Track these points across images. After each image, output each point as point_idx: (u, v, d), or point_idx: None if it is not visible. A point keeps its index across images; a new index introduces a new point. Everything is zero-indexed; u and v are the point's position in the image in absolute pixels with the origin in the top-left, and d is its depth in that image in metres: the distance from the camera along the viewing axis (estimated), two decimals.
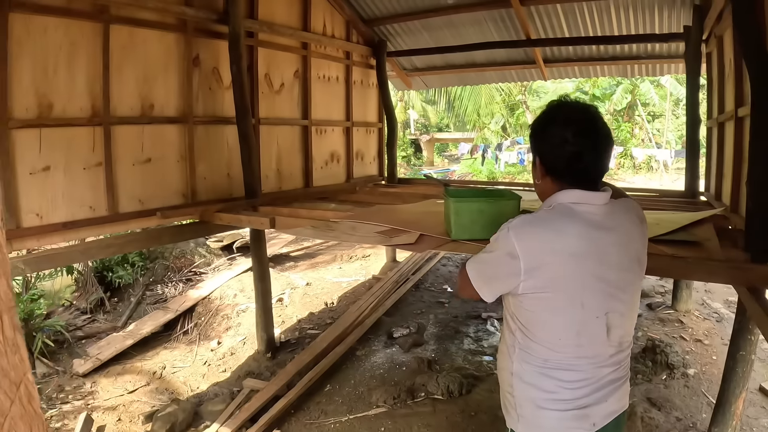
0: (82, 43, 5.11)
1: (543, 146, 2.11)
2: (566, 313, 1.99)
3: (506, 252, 1.98)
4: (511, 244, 1.96)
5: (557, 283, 1.96)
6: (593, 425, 2.03)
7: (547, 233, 1.97)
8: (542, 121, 2.13)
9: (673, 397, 5.45)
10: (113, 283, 9.44)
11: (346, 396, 5.86)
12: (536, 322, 2.03)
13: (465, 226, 3.77)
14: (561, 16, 7.86)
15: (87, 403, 6.27)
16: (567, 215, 1.99)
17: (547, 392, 2.03)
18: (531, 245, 1.96)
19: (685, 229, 4.08)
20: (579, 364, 2.01)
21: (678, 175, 22.38)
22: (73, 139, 5.12)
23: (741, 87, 4.85)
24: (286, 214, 5.65)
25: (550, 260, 1.95)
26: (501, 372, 2.24)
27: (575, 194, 2.02)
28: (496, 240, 2.05)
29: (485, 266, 2.10)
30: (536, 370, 2.04)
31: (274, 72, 7.34)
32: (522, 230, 1.99)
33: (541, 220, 2.02)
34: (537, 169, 2.15)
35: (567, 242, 1.95)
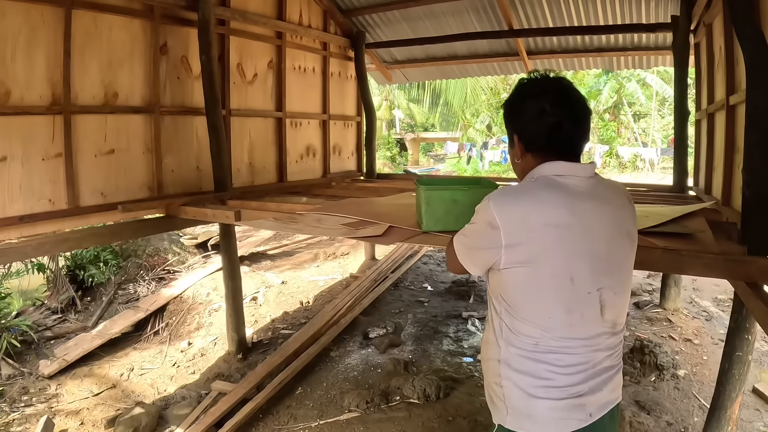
0: (43, 28, 4.88)
1: (519, 122, 2.04)
2: (554, 288, 1.86)
3: (486, 222, 1.90)
4: (491, 214, 1.87)
5: (541, 255, 1.84)
6: (589, 416, 1.89)
7: (529, 203, 1.86)
8: (516, 97, 2.06)
9: (662, 399, 5.24)
10: (85, 281, 9.25)
11: (317, 399, 5.62)
12: (522, 298, 1.89)
13: (437, 217, 3.51)
14: (544, 5, 7.66)
15: (50, 406, 6.08)
16: (550, 186, 1.90)
17: (539, 378, 1.88)
18: (511, 216, 1.86)
19: (676, 221, 3.85)
20: (572, 347, 1.88)
21: (664, 173, 22.38)
22: (32, 128, 4.89)
23: (732, 74, 4.68)
24: (254, 208, 5.42)
25: (533, 231, 1.84)
26: (487, 362, 2.06)
27: (559, 166, 1.94)
28: (477, 211, 1.98)
29: (468, 238, 2.04)
30: (526, 354, 1.89)
31: (246, 62, 7.08)
32: (502, 200, 1.89)
33: (523, 191, 1.92)
34: (516, 148, 2.07)
35: (550, 213, 1.84)
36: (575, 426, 1.87)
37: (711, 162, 5.72)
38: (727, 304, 7.35)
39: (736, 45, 4.41)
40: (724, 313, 7.08)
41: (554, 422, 1.87)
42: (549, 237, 1.82)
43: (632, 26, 7.45)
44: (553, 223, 1.82)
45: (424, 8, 8.28)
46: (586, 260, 1.86)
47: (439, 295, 8.60)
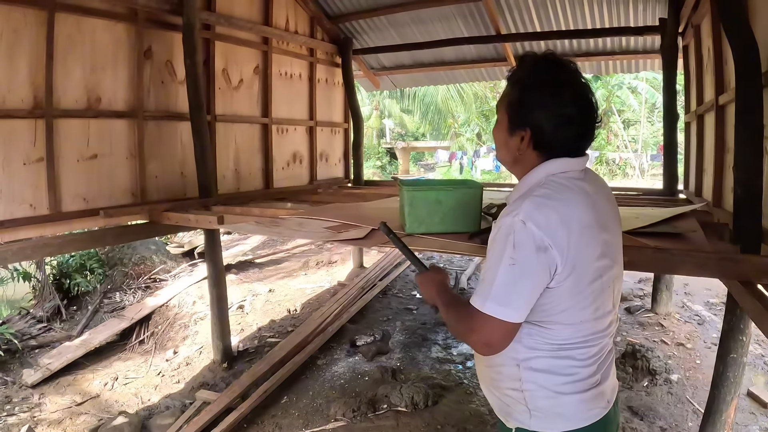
0: (25, 30, 4.84)
1: (536, 116, 1.80)
2: (589, 292, 1.77)
3: (535, 248, 1.66)
4: (537, 236, 1.65)
5: (580, 261, 1.72)
6: (608, 402, 1.89)
7: (563, 210, 1.71)
8: (533, 86, 1.81)
9: (656, 405, 5.16)
10: (71, 290, 9.10)
11: (303, 408, 5.51)
12: (559, 311, 1.76)
13: (421, 219, 3.42)
14: (532, 10, 7.65)
15: (33, 415, 5.98)
16: (567, 187, 1.78)
17: (564, 375, 1.80)
18: (555, 229, 1.68)
19: (666, 222, 3.80)
20: (592, 339, 1.82)
21: (654, 180, 22.38)
22: (13, 132, 4.83)
23: (721, 74, 4.69)
24: (238, 213, 5.34)
25: (573, 238, 1.70)
26: (498, 368, 1.90)
27: (561, 163, 1.83)
28: (517, 243, 1.67)
29: (517, 283, 1.68)
30: (550, 353, 1.80)
31: (232, 67, 7.02)
32: (539, 215, 1.68)
33: (552, 199, 1.73)
34: (522, 143, 1.85)
35: (579, 215, 1.74)
36: (600, 415, 1.85)
37: (701, 164, 5.71)
38: (719, 308, 7.31)
39: (725, 45, 4.41)
40: (716, 317, 7.02)
41: (583, 414, 1.83)
42: (585, 240, 1.73)
43: (620, 29, 7.45)
44: (586, 224, 1.74)
45: (411, 14, 8.27)
46: (606, 255, 1.81)
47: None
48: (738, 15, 3.28)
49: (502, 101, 1.92)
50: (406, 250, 2.17)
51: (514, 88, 1.86)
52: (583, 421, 1.82)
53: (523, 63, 1.89)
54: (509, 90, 1.89)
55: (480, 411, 5.19)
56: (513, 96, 1.86)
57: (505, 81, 1.99)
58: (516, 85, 1.86)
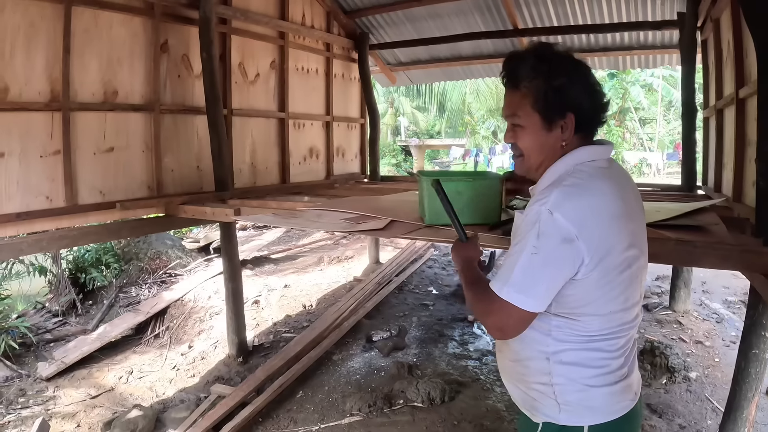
0: (42, 24, 4.86)
1: (582, 96, 1.79)
2: (618, 283, 1.73)
3: (560, 239, 1.63)
4: (564, 227, 1.63)
5: (609, 251, 1.68)
6: (635, 395, 1.87)
7: (593, 200, 1.69)
8: (555, 71, 1.78)
9: (675, 402, 5.10)
10: (87, 284, 9.18)
11: (318, 403, 5.50)
12: (588, 302, 1.73)
13: (440, 210, 3.38)
14: (549, 4, 7.58)
15: (47, 408, 6.00)
16: (598, 176, 1.75)
17: (595, 368, 1.78)
18: (582, 219, 1.64)
19: (687, 215, 3.74)
20: (621, 330, 1.78)
21: (670, 178, 22.21)
22: (30, 125, 4.85)
23: (741, 67, 4.60)
24: (255, 206, 5.32)
25: (603, 229, 1.68)
26: (526, 362, 1.86)
27: (589, 151, 1.81)
28: (541, 233, 1.65)
29: (537, 272, 1.67)
30: (580, 346, 1.77)
31: (248, 61, 7.01)
32: (568, 205, 1.65)
33: (581, 188, 1.70)
34: (564, 132, 1.80)
35: (609, 205, 1.70)
36: (628, 407, 1.83)
37: (720, 159, 5.63)
38: (737, 306, 7.25)
39: (745, 37, 4.35)
40: (734, 315, 6.95)
41: (613, 407, 1.80)
42: (614, 231, 1.70)
43: (638, 24, 7.35)
44: (615, 214, 1.70)
45: (428, 8, 8.22)
46: (634, 245, 1.76)
47: (444, 298, 8.47)
48: (760, 6, 3.21)
49: (521, 104, 1.83)
50: (452, 214, 2.14)
51: (535, 81, 1.79)
52: (612, 414, 1.80)
53: (523, 58, 1.83)
54: (529, 86, 1.80)
55: (497, 407, 5.16)
56: (539, 89, 1.78)
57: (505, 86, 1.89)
58: (537, 78, 1.78)
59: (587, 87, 1.78)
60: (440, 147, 32.07)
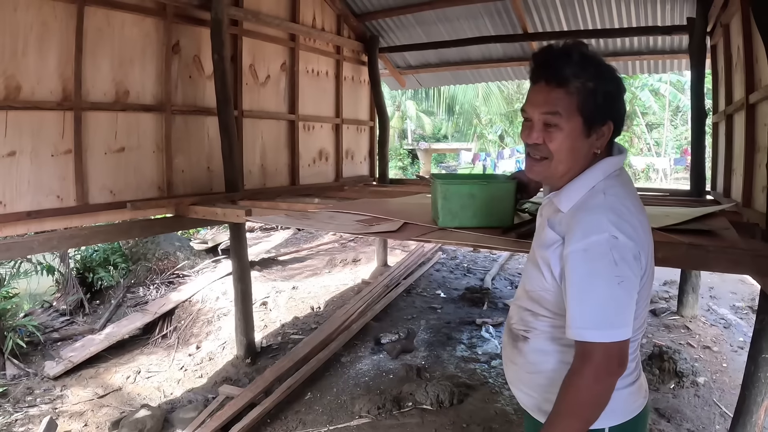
0: (55, 24, 4.89)
1: (617, 107, 1.76)
2: (646, 293, 1.76)
3: (633, 258, 1.60)
4: (630, 246, 1.60)
5: (651, 261, 1.72)
6: (646, 392, 1.92)
7: (636, 212, 1.69)
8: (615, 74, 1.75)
9: (683, 407, 5.08)
10: (95, 284, 9.22)
11: (327, 405, 5.49)
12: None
13: (454, 212, 3.39)
14: (559, 9, 7.59)
15: (54, 407, 6.02)
16: (624, 187, 1.75)
17: None
18: (639, 235, 1.64)
19: (697, 220, 3.74)
20: (636, 335, 1.77)
21: (677, 183, 22.18)
22: (42, 123, 4.88)
23: (752, 72, 4.61)
24: (266, 207, 5.33)
25: (648, 240, 1.71)
26: (550, 374, 1.83)
27: (615, 160, 1.80)
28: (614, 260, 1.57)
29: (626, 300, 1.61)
30: None
31: (259, 63, 7.04)
32: (626, 225, 1.61)
33: (624, 204, 1.67)
34: (599, 140, 1.74)
35: (643, 215, 1.74)
36: (642, 406, 1.86)
37: (730, 164, 5.62)
38: (745, 312, 7.25)
39: (756, 43, 4.36)
40: (742, 321, 6.95)
41: (630, 407, 1.83)
42: (651, 240, 1.73)
43: (648, 29, 7.35)
44: (646, 224, 1.72)
45: (437, 12, 8.24)
46: (653, 253, 1.77)
47: (453, 301, 8.47)
48: None
49: (565, 103, 1.69)
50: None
51: (586, 82, 1.68)
52: (629, 413, 1.82)
53: (569, 55, 1.69)
54: (581, 87, 1.68)
55: (505, 410, 5.15)
56: (589, 91, 1.68)
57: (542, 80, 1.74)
58: (588, 80, 1.68)
59: (624, 96, 1.78)
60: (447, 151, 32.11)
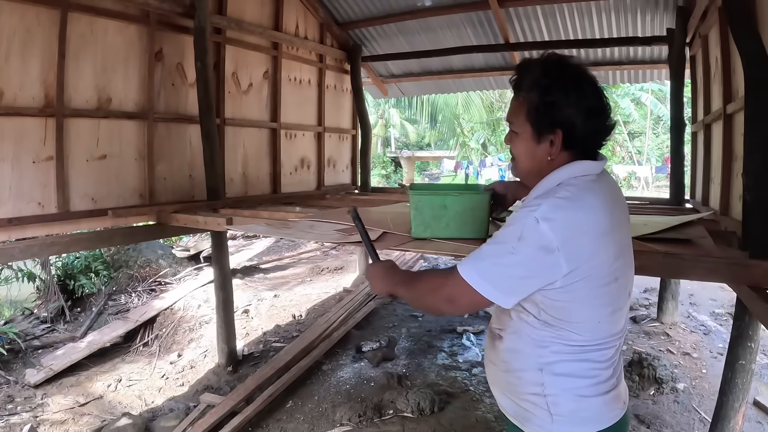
0: (38, 29, 4.88)
1: (567, 113, 1.78)
2: (605, 294, 1.78)
3: (539, 246, 1.66)
4: (546, 237, 1.65)
5: (596, 265, 1.72)
6: (624, 403, 1.91)
7: (580, 213, 1.71)
8: (553, 86, 1.78)
9: (662, 413, 5.13)
10: (76, 291, 9.10)
11: (308, 413, 5.49)
12: (573, 311, 1.76)
13: (426, 223, 3.36)
14: (540, 19, 7.66)
15: (35, 415, 5.96)
16: (587, 190, 1.77)
17: (587, 378, 1.81)
18: (568, 233, 1.67)
19: (674, 229, 3.79)
20: (610, 341, 1.83)
21: (659, 192, 22.34)
22: (23, 130, 4.85)
23: (729, 83, 4.71)
24: (247, 216, 5.33)
25: (590, 244, 1.70)
26: (518, 373, 1.89)
27: (583, 165, 1.82)
28: (521, 235, 1.68)
29: (506, 269, 1.71)
30: (572, 357, 1.80)
31: (242, 71, 7.05)
32: (556, 218, 1.67)
33: (572, 202, 1.72)
34: (552, 147, 1.82)
35: (598, 219, 1.73)
36: (619, 416, 1.86)
37: (708, 173, 5.70)
38: (724, 318, 7.31)
39: (733, 54, 4.43)
40: (722, 327, 7.01)
41: (605, 416, 1.84)
42: (602, 245, 1.73)
43: (628, 39, 7.44)
44: (603, 230, 1.72)
45: (420, 21, 8.29)
46: (623, 258, 1.82)
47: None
48: (747, 24, 3.29)
49: (518, 112, 1.87)
50: (366, 239, 2.31)
51: (531, 94, 1.82)
52: (604, 422, 1.84)
53: (530, 67, 1.86)
54: (526, 98, 1.84)
55: (486, 417, 5.17)
56: (533, 101, 1.81)
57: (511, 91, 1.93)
58: (533, 91, 1.81)
59: (585, 108, 1.77)
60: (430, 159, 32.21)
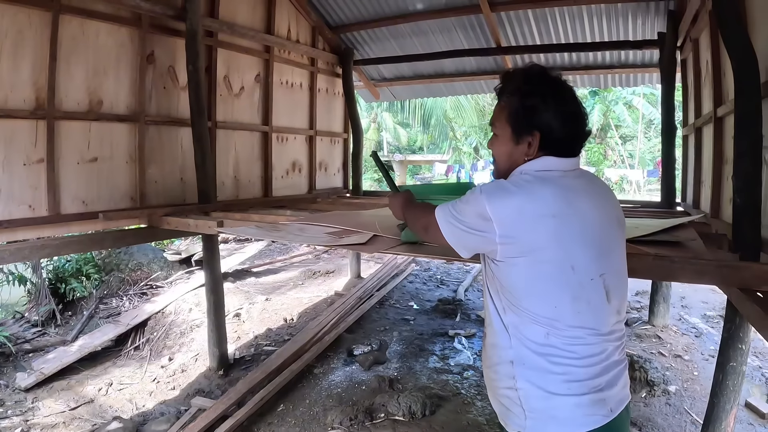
0: (29, 31, 4.87)
1: (545, 117, 1.94)
2: (556, 277, 1.82)
3: (477, 212, 1.86)
4: (482, 206, 1.84)
5: (539, 245, 1.81)
6: (610, 411, 1.85)
7: (521, 197, 1.83)
8: (534, 92, 1.96)
9: (654, 416, 5.14)
10: (67, 295, 9.07)
11: (299, 416, 5.46)
12: (526, 292, 1.85)
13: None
14: (532, 23, 7.68)
15: (26, 419, 5.90)
16: (539, 179, 1.89)
17: (556, 374, 1.82)
18: (504, 209, 1.82)
19: (665, 231, 3.79)
20: (583, 336, 1.83)
21: (650, 195, 22.42)
22: (14, 132, 4.84)
23: (720, 86, 4.74)
24: (238, 219, 5.31)
25: (528, 223, 1.81)
26: (495, 368, 1.99)
27: (546, 161, 1.96)
28: (469, 200, 1.91)
29: (458, 221, 1.94)
30: (539, 349, 1.84)
31: (233, 74, 7.05)
32: (494, 194, 1.85)
33: (515, 185, 1.87)
34: (529, 148, 1.98)
35: (542, 204, 1.82)
36: (600, 422, 1.83)
37: (699, 176, 5.72)
38: (716, 321, 7.33)
39: (723, 57, 4.45)
40: (713, 330, 7.03)
41: (580, 419, 1.82)
42: (545, 227, 1.80)
43: (619, 43, 7.49)
44: (549, 213, 1.80)
45: (412, 25, 8.32)
46: (586, 247, 1.85)
47: (425, 313, 8.48)
48: (737, 27, 3.31)
49: (499, 115, 2.05)
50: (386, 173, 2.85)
51: (512, 98, 1.99)
52: (579, 426, 1.82)
53: (513, 75, 2.05)
54: (507, 101, 2.02)
55: (478, 421, 5.16)
56: (514, 105, 1.98)
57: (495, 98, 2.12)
58: (514, 96, 1.99)
59: (561, 113, 1.92)
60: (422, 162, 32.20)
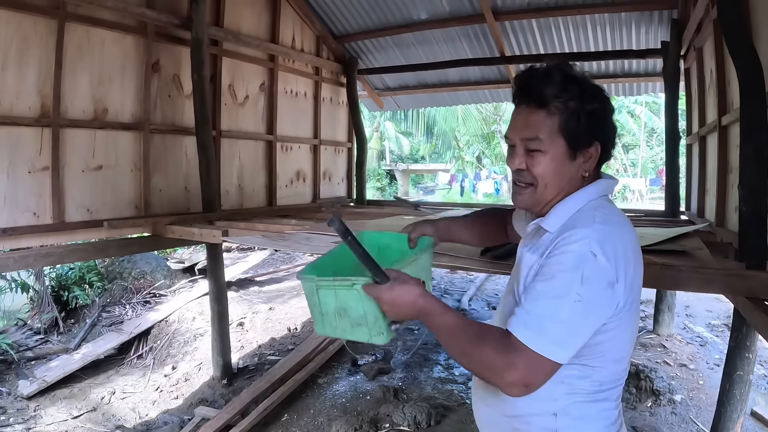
0: (35, 39, 4.90)
1: (610, 125, 1.64)
2: (633, 325, 1.63)
3: (605, 284, 1.46)
4: (608, 270, 1.45)
5: (636, 291, 1.56)
6: None
7: (625, 237, 1.54)
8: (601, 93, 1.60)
9: (660, 425, 5.10)
10: (70, 303, 9.09)
11: (303, 426, 5.45)
12: (610, 347, 1.58)
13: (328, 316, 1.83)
14: (536, 32, 7.69)
15: (28, 427, 5.96)
16: (614, 210, 1.62)
17: (601, 420, 1.64)
18: (621, 260, 1.48)
19: (671, 240, 3.78)
20: (623, 377, 1.68)
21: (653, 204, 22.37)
22: (19, 139, 4.86)
23: (724, 95, 4.71)
24: (242, 228, 5.30)
25: (634, 268, 1.54)
26: (529, 418, 1.66)
27: (606, 184, 1.68)
28: (581, 277, 1.44)
29: (578, 323, 1.46)
30: (590, 397, 1.61)
31: (238, 83, 7.06)
32: (608, 246, 1.47)
33: (611, 226, 1.54)
34: (586, 163, 1.62)
35: (634, 241, 1.57)
36: None
37: (703, 185, 5.71)
38: (721, 330, 7.30)
39: (728, 66, 4.44)
40: (718, 339, 7.00)
41: None
42: (639, 268, 1.58)
43: (623, 52, 7.49)
44: (638, 250, 1.58)
45: (416, 35, 8.33)
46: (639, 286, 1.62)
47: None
48: (742, 36, 3.32)
49: (543, 126, 1.58)
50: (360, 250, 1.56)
51: (569, 102, 1.55)
52: None
53: (549, 75, 1.58)
54: (560, 107, 1.56)
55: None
56: (570, 111, 1.56)
57: (507, 102, 1.78)
58: (570, 100, 1.55)
59: (612, 117, 1.65)
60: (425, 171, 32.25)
